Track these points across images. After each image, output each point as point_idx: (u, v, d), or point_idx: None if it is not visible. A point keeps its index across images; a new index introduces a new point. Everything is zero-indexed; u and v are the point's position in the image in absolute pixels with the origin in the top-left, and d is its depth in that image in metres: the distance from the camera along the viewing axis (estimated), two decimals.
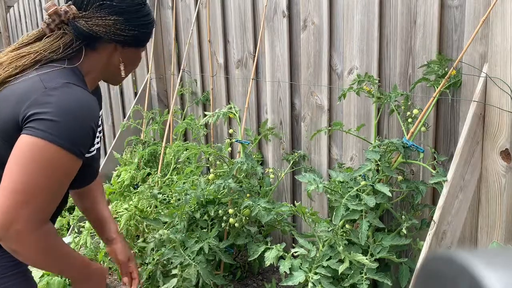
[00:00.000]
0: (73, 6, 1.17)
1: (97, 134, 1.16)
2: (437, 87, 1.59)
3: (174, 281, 1.86)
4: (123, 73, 1.28)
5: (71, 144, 1.04)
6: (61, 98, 1.05)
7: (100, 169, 1.68)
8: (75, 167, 1.09)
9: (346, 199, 1.56)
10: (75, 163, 1.08)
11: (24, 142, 1.02)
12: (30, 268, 1.20)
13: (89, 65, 1.20)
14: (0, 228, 0.99)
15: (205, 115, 2.19)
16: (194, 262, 1.86)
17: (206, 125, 2.78)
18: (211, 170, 2.16)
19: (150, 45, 3.09)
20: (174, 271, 1.89)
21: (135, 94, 3.39)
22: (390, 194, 1.53)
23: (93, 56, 1.20)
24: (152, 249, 2.03)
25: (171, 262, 1.91)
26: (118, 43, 1.20)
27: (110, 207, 2.50)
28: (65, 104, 1.05)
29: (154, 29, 1.33)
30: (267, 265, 1.77)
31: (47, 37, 1.17)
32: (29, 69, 1.12)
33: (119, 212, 2.30)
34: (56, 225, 3.20)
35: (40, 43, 1.16)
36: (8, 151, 1.04)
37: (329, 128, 1.90)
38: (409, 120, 1.69)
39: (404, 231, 1.60)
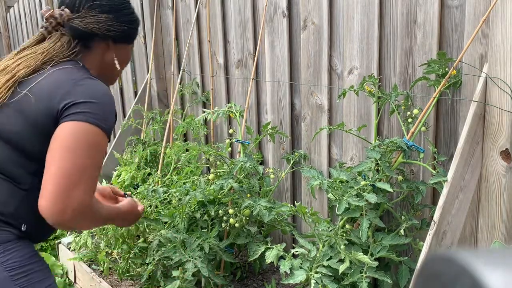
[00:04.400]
0: (66, 9, 1.28)
1: None
2: (437, 87, 1.59)
3: (176, 283, 1.86)
4: (118, 67, 1.38)
5: (105, 125, 1.16)
6: (90, 87, 1.18)
7: None
8: (106, 145, 1.19)
9: (347, 197, 1.57)
10: (107, 142, 1.19)
11: (68, 128, 1.12)
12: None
13: (89, 64, 1.31)
14: (57, 214, 1.07)
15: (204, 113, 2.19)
16: (192, 259, 1.86)
17: (206, 122, 2.78)
18: (211, 170, 2.16)
19: (150, 45, 3.10)
20: (175, 273, 1.89)
21: (135, 94, 3.39)
22: (391, 190, 1.53)
23: (90, 56, 1.32)
24: (153, 250, 2.03)
25: (171, 259, 1.92)
26: (111, 39, 1.33)
27: None
28: (95, 91, 1.17)
29: (139, 27, 1.46)
30: (267, 263, 1.77)
31: (48, 39, 1.28)
32: (40, 69, 1.22)
33: None
34: None
35: (43, 44, 1.27)
36: (42, 144, 1.13)
37: (331, 127, 1.90)
38: (409, 120, 1.69)
39: (402, 232, 1.60)
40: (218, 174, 2.09)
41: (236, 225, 1.96)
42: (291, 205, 1.81)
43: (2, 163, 1.18)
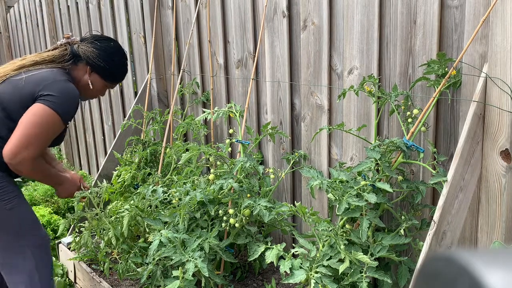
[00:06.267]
0: (77, 38, 2.02)
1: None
2: (437, 87, 1.59)
3: (176, 283, 1.86)
4: (90, 87, 2.00)
5: (62, 112, 1.77)
6: (63, 86, 1.80)
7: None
8: (60, 129, 1.82)
9: (347, 197, 1.56)
10: (61, 127, 1.81)
11: (37, 107, 1.73)
12: None
13: (74, 76, 1.97)
14: (11, 157, 1.69)
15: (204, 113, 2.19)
16: (192, 259, 1.86)
17: (206, 122, 2.78)
18: (211, 170, 2.16)
19: (150, 45, 3.10)
20: (175, 273, 1.89)
21: (135, 94, 3.39)
22: (391, 190, 1.53)
23: (75, 71, 1.98)
24: (153, 250, 2.03)
25: (171, 259, 1.92)
26: (90, 66, 1.98)
27: (110, 206, 2.50)
28: (64, 89, 1.79)
29: (124, 76, 2.11)
30: (267, 263, 1.77)
31: (58, 48, 1.99)
32: (44, 65, 1.89)
33: (120, 212, 2.30)
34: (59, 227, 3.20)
35: (55, 51, 1.97)
36: (23, 113, 1.73)
37: (330, 127, 1.90)
38: (409, 120, 1.69)
39: (402, 232, 1.60)
40: (218, 174, 2.09)
41: (236, 225, 1.96)
42: (291, 205, 1.81)
43: None
